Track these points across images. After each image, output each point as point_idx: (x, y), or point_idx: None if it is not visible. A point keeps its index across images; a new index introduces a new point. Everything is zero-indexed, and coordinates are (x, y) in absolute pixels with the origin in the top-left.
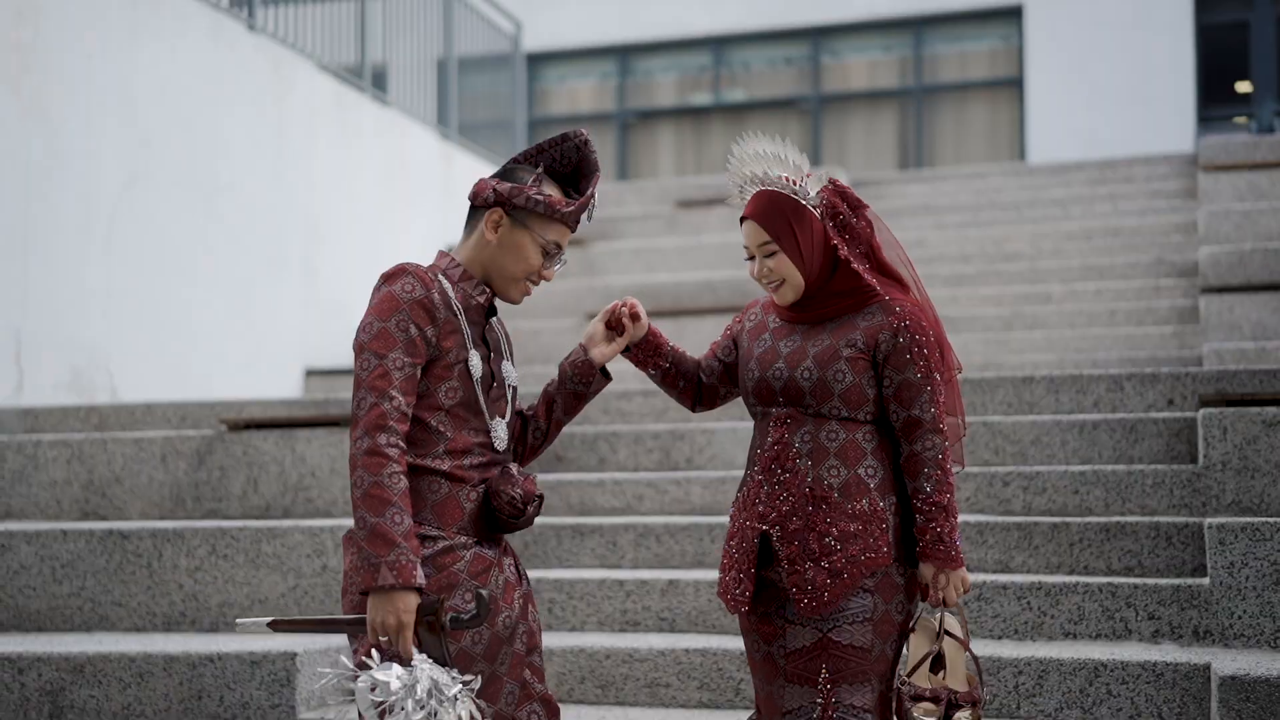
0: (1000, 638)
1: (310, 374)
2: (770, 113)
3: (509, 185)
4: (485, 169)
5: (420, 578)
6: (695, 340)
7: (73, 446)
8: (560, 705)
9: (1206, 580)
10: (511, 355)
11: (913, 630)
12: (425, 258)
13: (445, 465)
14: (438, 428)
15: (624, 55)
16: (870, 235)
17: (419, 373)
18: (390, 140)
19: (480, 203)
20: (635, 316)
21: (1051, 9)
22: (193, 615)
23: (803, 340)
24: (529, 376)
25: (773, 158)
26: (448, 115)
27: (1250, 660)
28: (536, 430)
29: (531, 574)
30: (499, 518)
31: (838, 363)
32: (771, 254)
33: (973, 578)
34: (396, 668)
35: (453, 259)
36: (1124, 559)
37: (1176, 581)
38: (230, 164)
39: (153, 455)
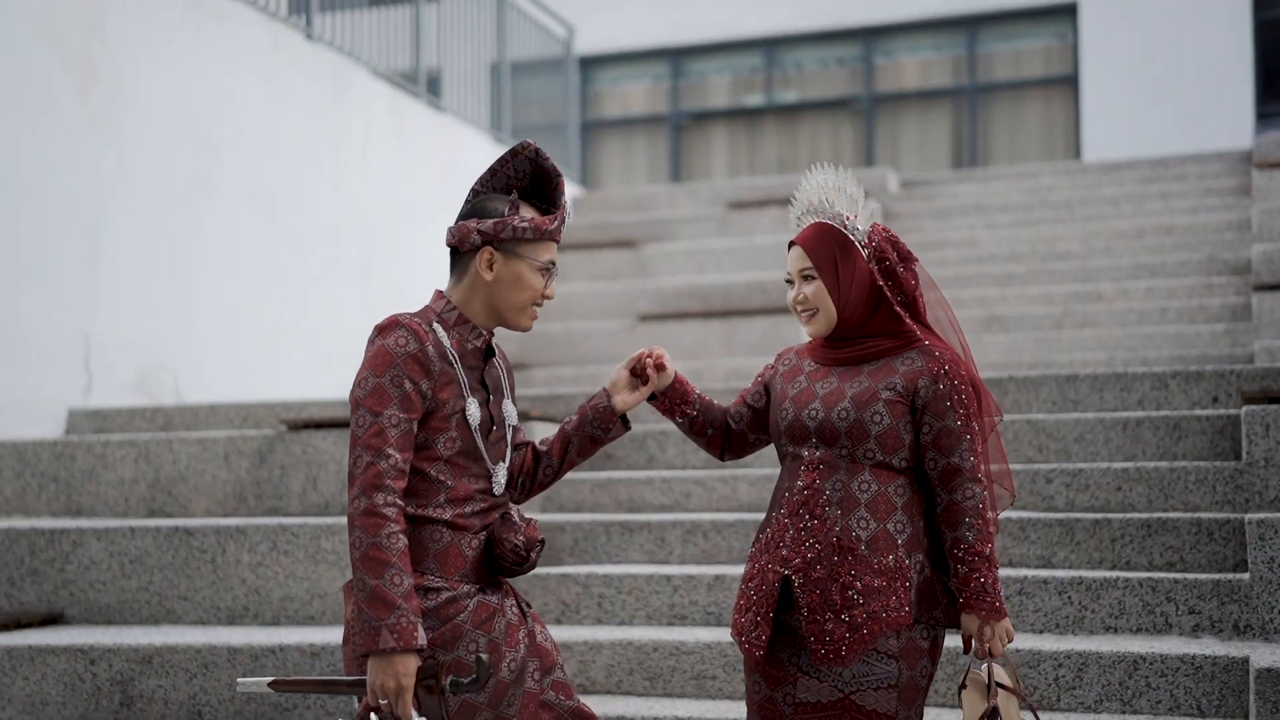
0: (1041, 631)
1: None
2: (823, 113)
3: (490, 222)
4: None
5: (421, 639)
6: (746, 341)
7: (140, 446)
8: (609, 696)
9: (1247, 575)
10: (512, 393)
11: (964, 687)
12: None
13: (447, 514)
14: (438, 477)
15: (676, 57)
16: (914, 288)
17: (415, 427)
18: (444, 144)
19: (468, 248)
20: (660, 366)
21: (1107, 5)
22: (255, 609)
23: (840, 382)
24: (581, 378)
25: (834, 189)
26: (501, 119)
27: None
28: (548, 467)
29: (581, 569)
30: (502, 564)
31: (876, 404)
32: (810, 279)
33: (1014, 573)
34: None
35: (448, 301)
36: (1166, 554)
37: (1216, 576)
38: (289, 170)
39: (216, 454)
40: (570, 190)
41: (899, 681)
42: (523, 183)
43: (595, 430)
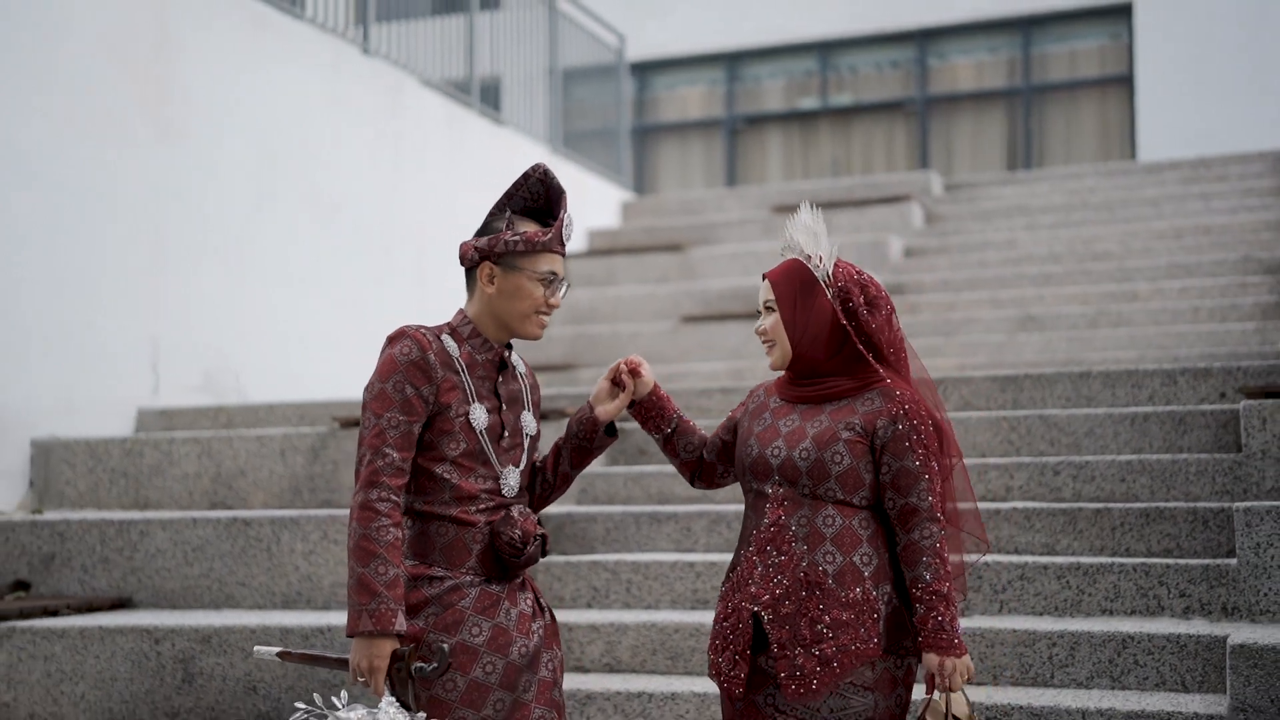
0: (1040, 614)
1: None
2: (877, 116)
3: (486, 239)
4: (590, 179)
5: (400, 624)
6: None
7: (203, 443)
8: (634, 675)
9: (1235, 560)
10: (536, 408)
11: (921, 718)
12: None
13: (453, 511)
14: (444, 476)
15: (731, 62)
16: (875, 331)
17: (417, 429)
18: (497, 153)
19: (468, 264)
20: (635, 373)
21: (1162, 5)
22: (307, 595)
23: (802, 421)
24: None
25: (803, 229)
26: (555, 127)
27: (1264, 632)
28: (544, 482)
29: (611, 557)
30: (501, 557)
31: (836, 444)
32: (771, 312)
33: (1017, 559)
34: (360, 709)
35: (465, 316)
36: (1163, 541)
37: (1207, 561)
38: (347, 180)
39: (273, 451)
40: (621, 196)
41: (875, 713)
42: (537, 202)
43: (581, 441)
